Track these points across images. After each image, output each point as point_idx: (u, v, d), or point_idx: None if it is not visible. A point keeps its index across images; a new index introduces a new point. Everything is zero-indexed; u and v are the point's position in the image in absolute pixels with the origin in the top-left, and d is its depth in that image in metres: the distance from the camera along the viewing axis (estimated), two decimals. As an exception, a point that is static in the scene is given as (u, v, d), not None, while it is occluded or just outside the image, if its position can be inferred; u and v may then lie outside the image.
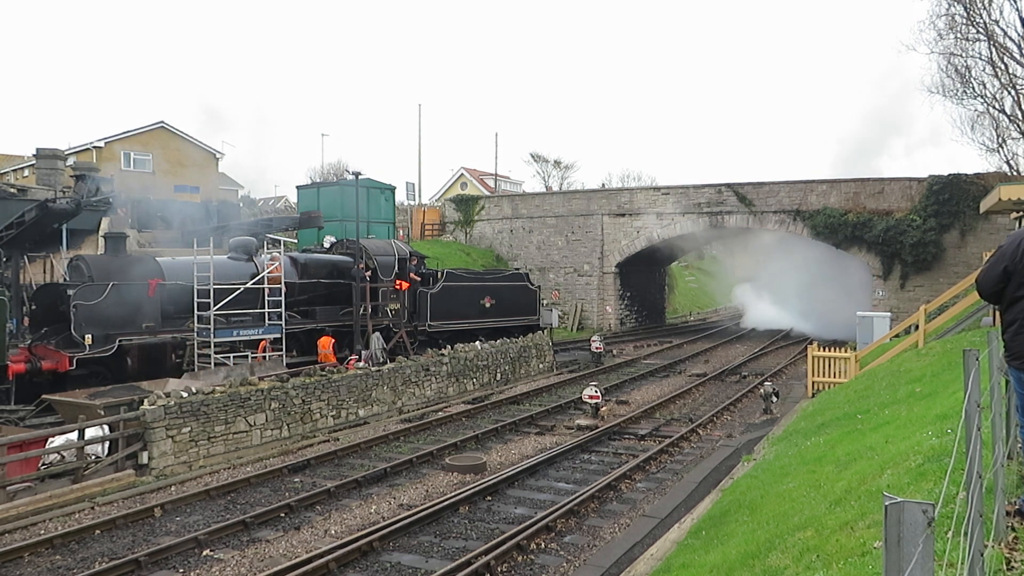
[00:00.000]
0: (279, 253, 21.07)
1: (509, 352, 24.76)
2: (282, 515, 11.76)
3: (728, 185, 37.24)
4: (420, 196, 51.59)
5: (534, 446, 16.29)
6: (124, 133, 43.27)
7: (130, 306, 17.94)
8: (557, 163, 70.56)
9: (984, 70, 27.90)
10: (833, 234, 34.20)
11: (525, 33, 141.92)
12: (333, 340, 20.51)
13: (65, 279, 19.02)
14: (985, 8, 26.14)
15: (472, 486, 12.67)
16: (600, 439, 16.65)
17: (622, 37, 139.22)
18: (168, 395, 14.64)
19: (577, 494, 12.23)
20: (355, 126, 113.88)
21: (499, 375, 24.07)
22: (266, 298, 19.72)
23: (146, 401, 14.26)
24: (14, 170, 43.48)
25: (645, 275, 43.63)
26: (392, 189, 38.52)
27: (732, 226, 37.34)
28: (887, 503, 1.89)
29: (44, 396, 15.62)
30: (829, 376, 19.68)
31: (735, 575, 6.27)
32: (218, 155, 47.89)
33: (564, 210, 41.77)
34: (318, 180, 54.13)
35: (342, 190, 33.82)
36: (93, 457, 13.36)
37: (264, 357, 19.25)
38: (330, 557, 9.57)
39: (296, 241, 32.19)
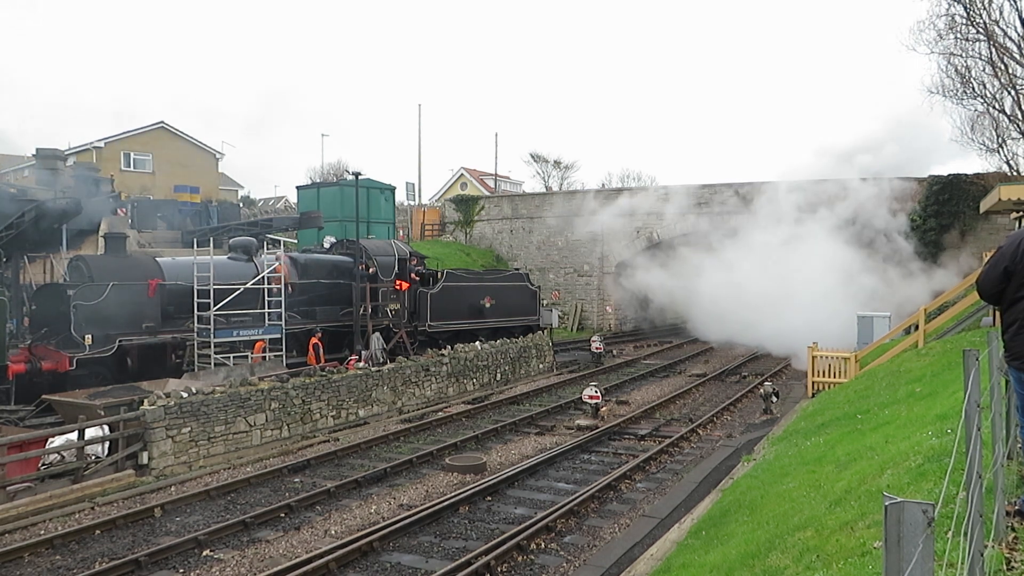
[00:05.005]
0: (280, 253, 21.02)
1: (509, 352, 24.76)
2: (282, 515, 11.77)
3: (728, 185, 37.18)
4: (420, 196, 51.54)
5: (534, 446, 16.29)
6: (124, 133, 43.18)
7: (130, 306, 17.92)
8: (557, 163, 70.32)
9: (984, 70, 27.81)
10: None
11: (524, 34, 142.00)
12: (315, 341, 20.09)
13: (65, 279, 19.00)
14: (985, 8, 26.06)
15: (472, 486, 12.68)
16: (600, 439, 16.65)
17: (622, 37, 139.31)
18: (168, 395, 14.65)
19: (577, 494, 12.23)
20: (355, 126, 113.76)
21: (499, 375, 24.06)
22: (266, 298, 19.71)
23: (146, 401, 14.27)
24: (14, 170, 43.44)
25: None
26: (392, 189, 38.52)
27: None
28: (887, 503, 1.89)
29: (44, 396, 15.63)
30: (829, 376, 19.70)
31: (735, 575, 6.27)
32: (218, 155, 47.91)
33: (564, 210, 41.71)
34: (318, 180, 54.13)
35: (342, 190, 33.87)
36: (93, 457, 13.36)
37: (262, 358, 19.23)
38: (330, 557, 9.59)
39: (296, 241, 32.19)
